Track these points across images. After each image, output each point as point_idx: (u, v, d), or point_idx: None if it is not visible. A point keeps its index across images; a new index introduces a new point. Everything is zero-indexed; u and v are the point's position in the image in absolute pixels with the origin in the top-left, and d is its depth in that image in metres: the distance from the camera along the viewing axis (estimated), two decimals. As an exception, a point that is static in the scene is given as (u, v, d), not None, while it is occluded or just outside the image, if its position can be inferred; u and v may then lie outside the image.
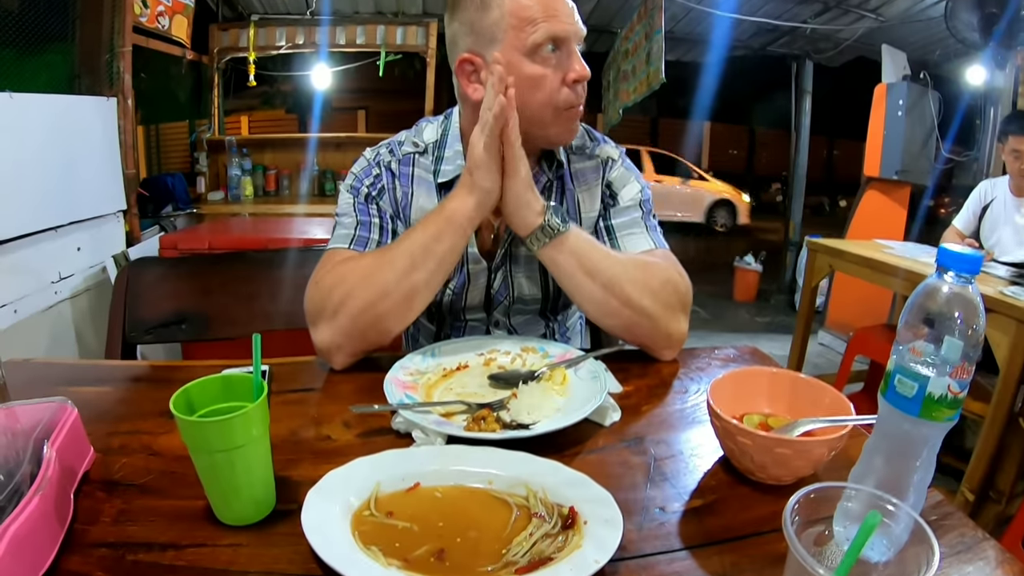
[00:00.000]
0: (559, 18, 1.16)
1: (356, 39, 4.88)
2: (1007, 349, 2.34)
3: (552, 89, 1.18)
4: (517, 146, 1.13)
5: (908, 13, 4.87)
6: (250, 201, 4.81)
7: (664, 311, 1.19)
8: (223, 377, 0.77)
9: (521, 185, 1.15)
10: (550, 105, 1.19)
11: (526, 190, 1.15)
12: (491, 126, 1.11)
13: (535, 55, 1.17)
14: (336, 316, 1.14)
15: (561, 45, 1.18)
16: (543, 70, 1.17)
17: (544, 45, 1.16)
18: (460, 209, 1.15)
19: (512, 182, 1.15)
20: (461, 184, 1.17)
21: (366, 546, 0.68)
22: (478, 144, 1.13)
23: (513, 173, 1.14)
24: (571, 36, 1.18)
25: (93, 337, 2.98)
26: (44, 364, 1.37)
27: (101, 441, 0.91)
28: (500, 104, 1.09)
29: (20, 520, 0.62)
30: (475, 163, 1.14)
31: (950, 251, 0.64)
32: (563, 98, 1.19)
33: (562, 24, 1.17)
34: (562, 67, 1.18)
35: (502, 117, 1.10)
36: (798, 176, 6.97)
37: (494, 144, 1.13)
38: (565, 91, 1.19)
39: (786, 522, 0.54)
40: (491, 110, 1.10)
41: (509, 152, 1.13)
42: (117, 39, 3.29)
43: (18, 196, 2.53)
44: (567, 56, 1.19)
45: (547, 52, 1.17)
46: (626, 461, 0.90)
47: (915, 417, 0.66)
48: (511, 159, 1.14)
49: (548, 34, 1.15)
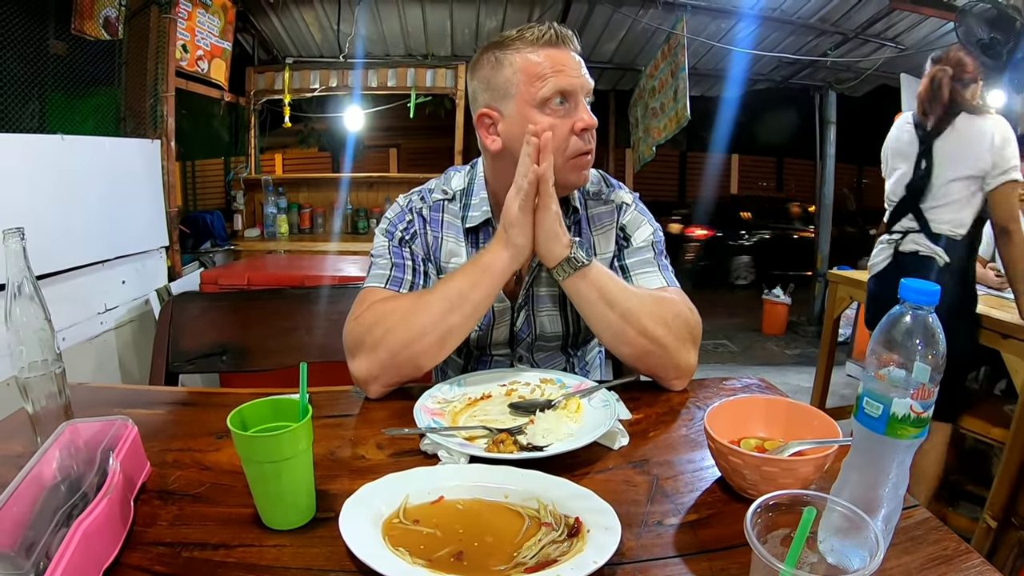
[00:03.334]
0: (566, 72, 1.27)
1: (387, 81, 5.04)
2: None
3: (561, 138, 1.28)
4: (551, 184, 1.22)
5: (925, 41, 4.90)
6: (285, 238, 4.94)
7: (676, 342, 1.26)
8: (271, 400, 0.88)
9: (552, 220, 1.24)
10: (561, 153, 1.29)
11: (556, 224, 1.25)
12: (526, 191, 1.22)
13: (545, 107, 1.28)
14: (375, 350, 1.24)
15: (569, 97, 1.28)
16: (552, 121, 1.27)
17: (552, 98, 1.27)
18: (495, 262, 1.25)
19: (544, 216, 1.24)
20: (497, 239, 1.27)
21: (395, 548, 0.77)
22: (513, 206, 1.23)
23: (545, 209, 1.23)
24: (578, 88, 1.29)
25: (136, 366, 3.11)
26: (97, 387, 1.47)
27: (156, 456, 1.02)
28: (535, 173, 1.20)
29: (91, 519, 0.71)
30: (510, 222, 1.24)
31: (910, 285, 0.71)
32: (572, 146, 1.30)
33: (569, 78, 1.27)
34: (570, 117, 1.29)
35: (535, 184, 1.21)
36: (824, 206, 6.97)
37: (528, 206, 1.23)
38: (574, 139, 1.29)
39: (747, 525, 0.62)
40: (526, 176, 1.21)
41: (544, 188, 1.22)
42: (161, 84, 3.45)
43: (69, 231, 2.68)
44: (574, 107, 1.29)
45: (556, 104, 1.28)
46: (630, 480, 0.98)
47: (881, 435, 0.73)
48: (544, 195, 1.23)
49: (556, 88, 1.26)
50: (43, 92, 2.84)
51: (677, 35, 4.61)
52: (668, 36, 4.81)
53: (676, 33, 4.65)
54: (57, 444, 0.86)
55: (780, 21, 5.00)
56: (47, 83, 2.85)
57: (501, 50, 1.31)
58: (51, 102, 2.89)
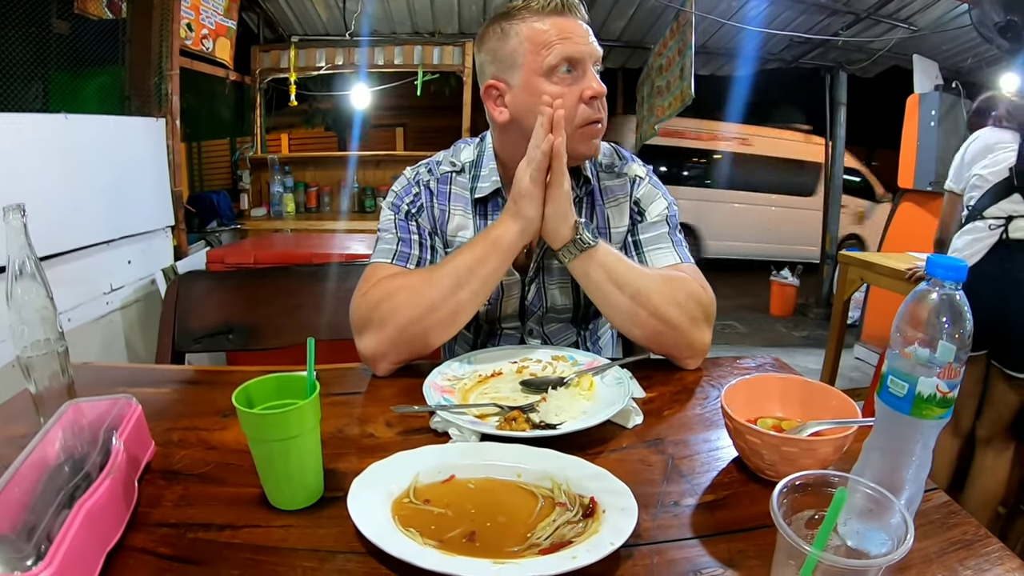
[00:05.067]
0: (572, 40, 1.25)
1: (394, 59, 5.00)
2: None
3: (570, 106, 1.25)
4: (564, 160, 1.19)
5: (939, 22, 4.86)
6: (292, 217, 4.92)
7: (688, 322, 1.24)
8: (277, 377, 0.86)
9: (563, 198, 1.21)
10: (569, 122, 1.26)
11: (566, 204, 1.22)
12: (538, 162, 1.18)
13: (552, 76, 1.25)
14: (383, 327, 1.21)
15: (576, 65, 1.26)
16: (560, 89, 1.25)
17: (559, 66, 1.25)
18: (504, 235, 1.22)
19: (555, 193, 1.21)
20: (506, 212, 1.24)
21: (405, 528, 0.75)
22: (524, 177, 1.20)
23: (557, 186, 1.20)
24: (585, 56, 1.26)
25: (142, 346, 3.11)
26: (103, 367, 1.46)
27: (161, 436, 1.00)
28: (549, 142, 1.17)
29: (93, 499, 0.70)
30: (520, 193, 1.21)
31: (938, 261, 0.69)
32: (581, 115, 1.27)
33: (576, 45, 1.25)
34: (578, 85, 1.26)
35: (549, 154, 1.18)
36: (835, 187, 6.94)
37: (540, 177, 1.20)
38: (583, 108, 1.26)
39: (773, 506, 0.60)
40: (539, 147, 1.18)
41: (556, 165, 1.19)
42: (165, 62, 3.42)
43: (74, 211, 2.67)
44: (582, 75, 1.27)
45: (563, 72, 1.25)
46: (645, 459, 0.96)
47: (906, 415, 0.71)
48: (557, 172, 1.20)
49: (562, 55, 1.24)
50: (46, 72, 2.81)
51: (686, 13, 4.55)
52: (677, 13, 4.75)
53: (685, 11, 4.59)
54: (60, 424, 0.85)
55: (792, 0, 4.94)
56: (50, 62, 2.81)
57: (507, 20, 1.29)
58: (55, 81, 2.87)
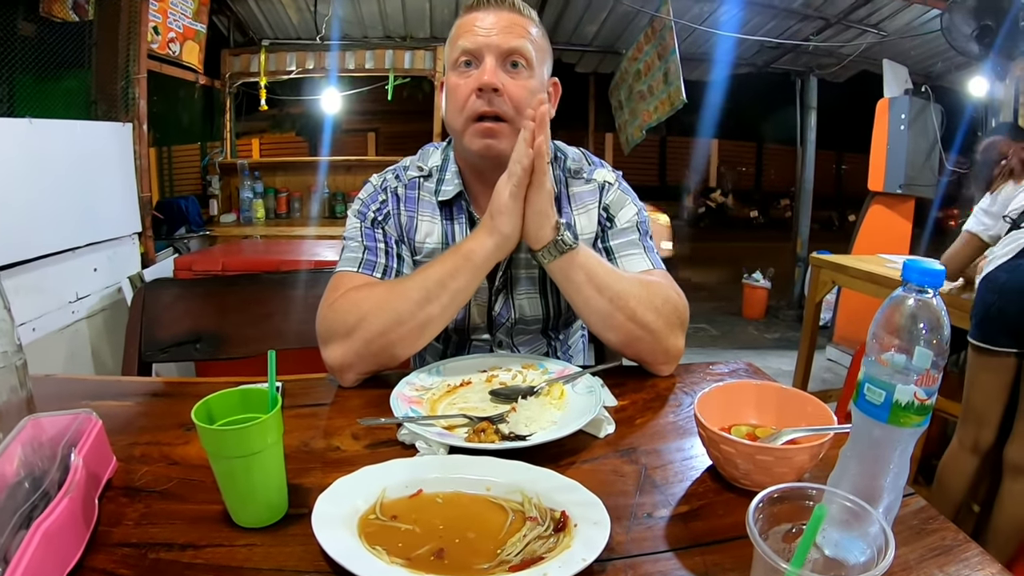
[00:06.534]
0: (473, 32, 1.26)
1: (365, 63, 4.99)
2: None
3: (461, 97, 1.26)
4: (546, 160, 1.17)
5: (909, 27, 4.92)
6: (262, 223, 4.89)
7: (665, 327, 1.23)
8: (240, 391, 0.83)
9: (544, 199, 1.19)
10: (460, 114, 1.27)
11: (548, 204, 1.19)
12: (519, 177, 1.16)
13: (455, 69, 1.28)
14: (349, 338, 1.18)
15: (474, 57, 1.26)
16: (457, 81, 1.27)
17: (460, 59, 1.26)
18: (478, 250, 1.20)
19: (536, 196, 1.18)
20: (482, 226, 1.22)
21: (371, 546, 0.73)
22: (504, 191, 1.18)
23: (539, 187, 1.18)
24: (481, 47, 1.26)
25: (109, 355, 3.05)
26: (65, 379, 1.42)
27: (123, 451, 0.96)
28: (529, 156, 1.15)
29: (51, 519, 0.67)
30: (499, 208, 1.19)
31: (914, 266, 0.68)
32: (470, 106, 1.26)
33: (473, 37, 1.26)
34: (475, 78, 1.26)
35: (530, 169, 1.16)
36: (805, 191, 7.00)
37: (519, 193, 1.18)
38: (472, 99, 1.26)
39: (749, 521, 0.59)
40: (520, 162, 1.16)
41: (539, 165, 1.16)
42: (132, 66, 3.38)
43: (38, 218, 2.61)
44: (479, 67, 1.26)
45: (463, 66, 1.27)
46: (618, 470, 0.94)
47: (884, 423, 0.70)
48: (539, 172, 1.17)
49: (461, 48, 1.27)
50: (11, 75, 2.76)
51: (662, 17, 4.57)
52: (651, 19, 4.77)
53: (660, 16, 4.61)
54: (19, 440, 0.81)
55: (763, 5, 5.00)
56: (16, 65, 2.77)
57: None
58: (19, 85, 2.82)
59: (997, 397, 2.36)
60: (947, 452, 2.53)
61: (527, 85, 1.27)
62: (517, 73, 1.27)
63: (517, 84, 1.26)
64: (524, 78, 1.28)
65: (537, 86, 1.30)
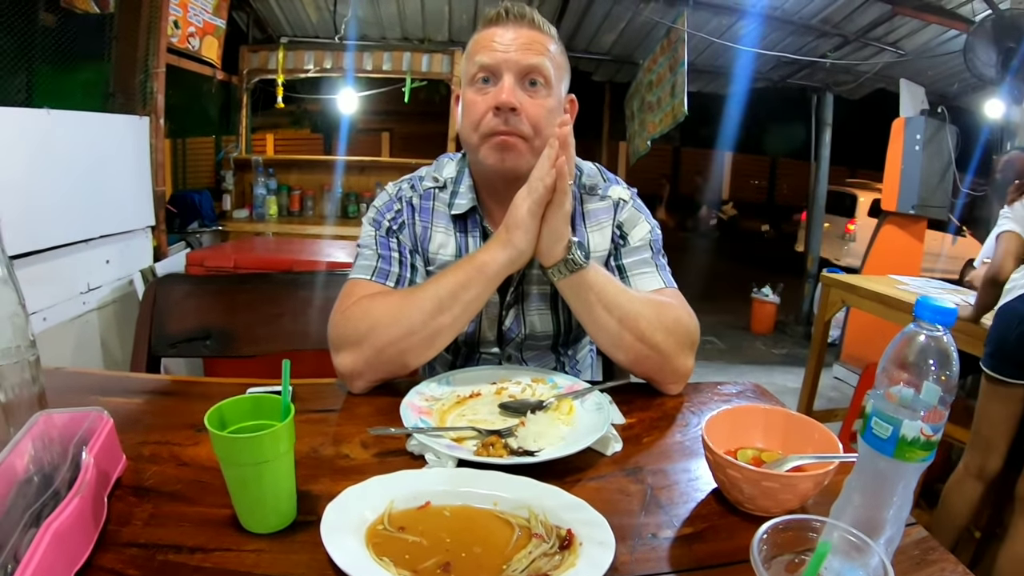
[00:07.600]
0: (492, 48, 1.26)
1: (383, 65, 4.99)
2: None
3: (477, 115, 1.26)
4: (568, 181, 1.17)
5: (927, 47, 4.92)
6: (274, 220, 4.90)
7: (675, 347, 1.23)
8: (253, 397, 0.84)
9: (562, 219, 1.19)
10: (475, 131, 1.27)
11: (563, 223, 1.19)
12: (540, 194, 1.17)
13: (472, 84, 1.28)
14: (360, 346, 1.19)
15: (492, 74, 1.26)
16: (474, 97, 1.27)
17: (478, 75, 1.26)
18: (491, 263, 1.20)
19: (554, 215, 1.18)
20: (496, 238, 1.22)
21: (379, 557, 0.73)
22: (522, 206, 1.19)
23: (558, 206, 1.18)
24: (500, 63, 1.25)
25: (118, 348, 3.07)
26: (76, 373, 1.42)
27: (132, 450, 0.97)
28: (552, 176, 1.15)
29: (61, 519, 0.67)
30: (515, 223, 1.19)
31: (927, 303, 0.69)
32: (486, 124, 1.26)
33: (492, 53, 1.26)
34: (492, 95, 1.26)
35: (551, 188, 1.16)
36: (818, 207, 6.99)
37: (538, 210, 1.18)
38: (488, 117, 1.26)
39: (753, 551, 0.59)
40: (542, 180, 1.16)
41: (561, 185, 1.16)
42: (151, 60, 3.39)
43: (52, 209, 2.63)
44: (497, 84, 1.26)
45: (481, 83, 1.27)
46: (624, 489, 0.95)
47: (889, 457, 0.70)
48: (560, 192, 1.17)
49: (479, 64, 1.26)
50: (31, 64, 2.78)
51: (678, 29, 4.58)
52: (668, 30, 4.78)
53: (676, 27, 4.62)
54: (30, 435, 0.82)
55: (781, 20, 5.00)
56: (35, 55, 2.78)
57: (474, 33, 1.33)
58: (39, 75, 2.82)
59: (1007, 426, 2.36)
60: (952, 477, 2.53)
61: (545, 104, 1.27)
62: (535, 91, 1.27)
63: (535, 103, 1.26)
64: (542, 97, 1.28)
65: (555, 104, 1.30)
